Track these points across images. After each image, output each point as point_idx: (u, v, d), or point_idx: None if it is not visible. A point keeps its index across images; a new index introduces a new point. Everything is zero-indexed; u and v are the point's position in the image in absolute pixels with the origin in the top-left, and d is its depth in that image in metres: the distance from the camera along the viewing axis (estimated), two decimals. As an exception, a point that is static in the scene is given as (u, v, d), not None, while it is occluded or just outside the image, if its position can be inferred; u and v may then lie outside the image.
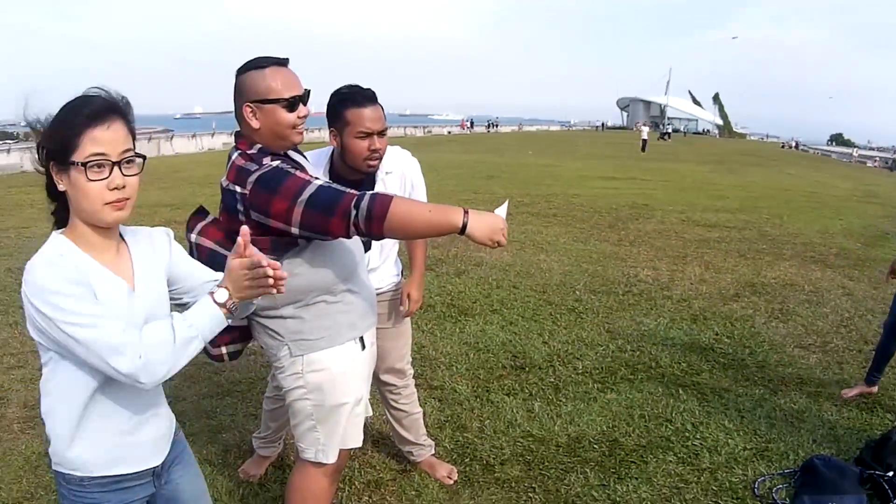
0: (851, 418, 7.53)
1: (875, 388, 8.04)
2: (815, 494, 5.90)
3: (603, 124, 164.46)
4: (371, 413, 4.91)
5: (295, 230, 3.81)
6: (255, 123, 3.97)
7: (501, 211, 4.00)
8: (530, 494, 6.02)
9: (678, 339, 9.99)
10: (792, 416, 7.52)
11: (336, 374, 4.28)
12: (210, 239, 4.13)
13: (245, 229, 3.10)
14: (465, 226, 3.72)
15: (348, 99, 4.91)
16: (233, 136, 4.18)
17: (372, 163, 5.00)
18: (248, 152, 3.98)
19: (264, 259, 3.09)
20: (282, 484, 5.90)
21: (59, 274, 2.76)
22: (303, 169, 3.99)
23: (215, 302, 3.07)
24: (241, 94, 3.99)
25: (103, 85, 2.97)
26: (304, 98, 4.04)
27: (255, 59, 4.00)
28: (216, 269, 3.52)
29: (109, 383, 3.00)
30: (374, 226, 3.68)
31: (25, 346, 8.94)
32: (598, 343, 9.70)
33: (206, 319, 3.06)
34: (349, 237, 3.85)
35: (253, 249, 3.13)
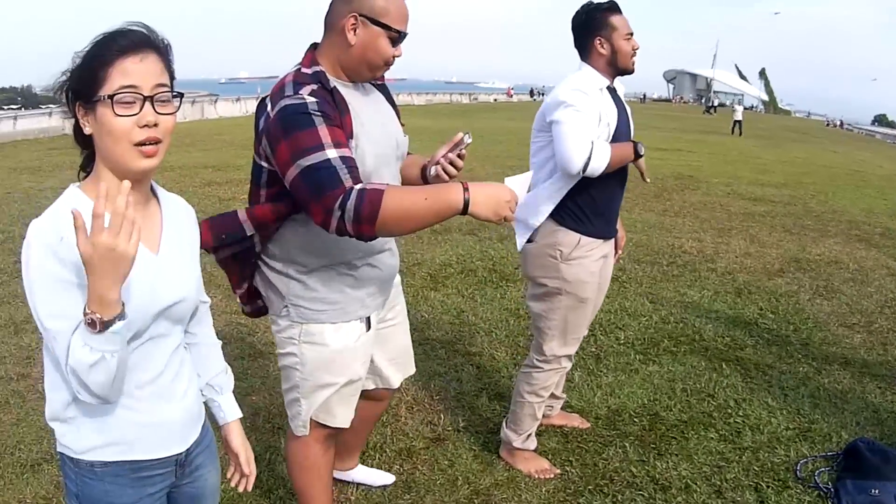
0: (895, 402, 7.38)
1: None
2: (859, 479, 5.77)
3: (644, 95, 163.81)
4: (410, 373, 4.90)
5: (287, 187, 3.63)
6: (351, 37, 3.73)
7: (517, 181, 3.67)
8: (567, 468, 5.92)
9: (722, 312, 9.86)
10: (836, 397, 7.37)
11: (333, 353, 4.13)
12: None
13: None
14: (466, 204, 3.39)
15: (608, 7, 5.30)
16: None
17: (634, 59, 5.39)
18: (303, 70, 3.78)
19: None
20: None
21: (47, 264, 2.45)
22: (341, 119, 3.68)
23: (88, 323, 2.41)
24: (350, 2, 3.72)
25: (145, 23, 2.65)
26: (404, 39, 3.86)
27: None
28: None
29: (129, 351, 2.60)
30: (363, 228, 3.41)
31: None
32: (641, 313, 9.60)
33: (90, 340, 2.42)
34: (328, 232, 3.55)
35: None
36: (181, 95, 2.70)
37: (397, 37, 3.77)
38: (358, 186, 3.41)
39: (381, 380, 4.78)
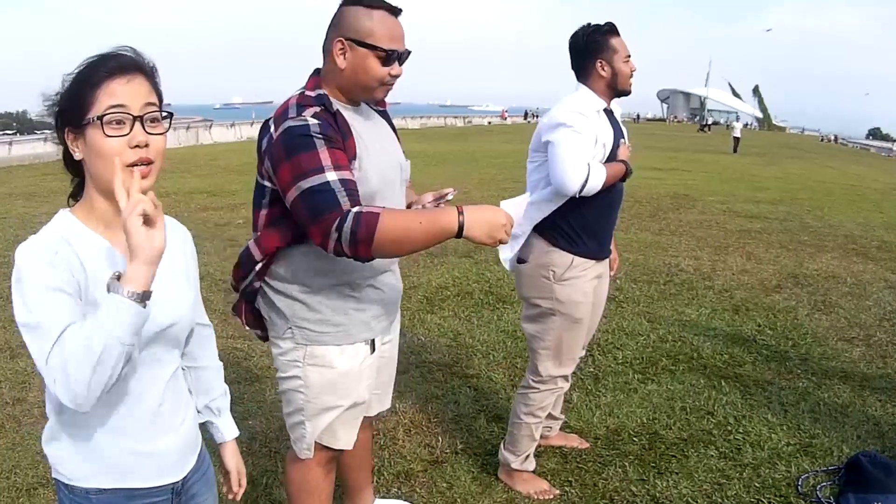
0: (896, 414, 7.34)
1: None
2: (861, 493, 5.75)
3: (638, 115, 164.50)
4: (372, 414, 4.87)
5: (288, 207, 3.65)
6: (340, 62, 3.77)
7: (512, 204, 3.73)
8: (566, 488, 5.89)
9: (720, 329, 9.85)
10: (836, 411, 7.35)
11: (338, 375, 4.12)
12: None
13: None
14: (461, 227, 3.41)
15: (608, 30, 5.36)
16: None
17: (632, 81, 5.48)
18: (307, 93, 3.78)
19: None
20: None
21: (42, 273, 2.39)
22: (343, 142, 3.69)
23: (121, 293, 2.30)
24: (337, 27, 3.77)
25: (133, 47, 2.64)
26: (402, 57, 3.83)
27: None
28: None
29: (125, 377, 2.57)
30: (360, 249, 3.44)
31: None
32: (639, 332, 9.59)
33: (115, 316, 2.30)
34: (326, 253, 3.59)
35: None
36: (171, 115, 2.67)
37: (386, 56, 3.74)
38: (355, 209, 3.42)
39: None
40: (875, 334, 9.88)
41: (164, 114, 2.62)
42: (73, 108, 2.50)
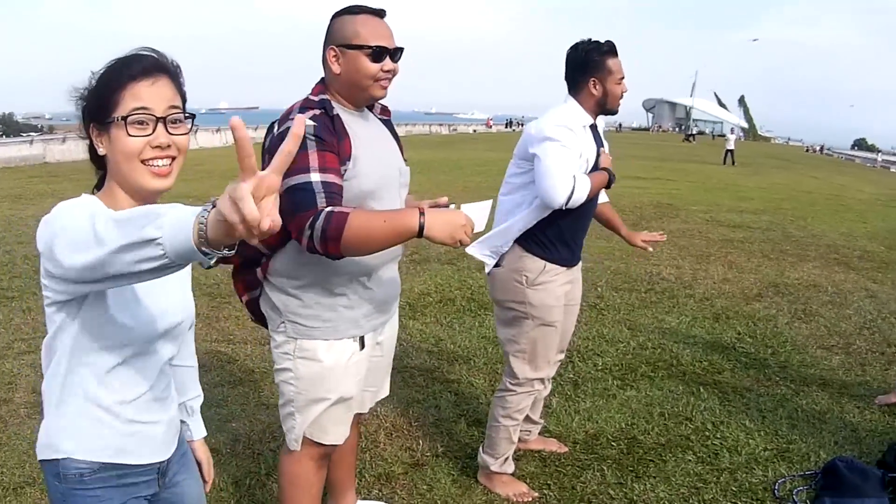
0: (874, 420, 7.41)
1: None
2: (837, 497, 5.81)
3: (620, 125, 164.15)
4: (365, 411, 4.98)
5: None
6: (336, 68, 3.98)
7: (473, 208, 3.89)
8: (545, 491, 5.93)
9: (700, 337, 9.90)
10: (814, 418, 7.41)
11: (325, 369, 4.22)
12: None
13: (301, 117, 2.16)
14: (422, 227, 3.61)
15: (607, 50, 5.42)
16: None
17: (620, 101, 5.57)
18: (311, 97, 4.01)
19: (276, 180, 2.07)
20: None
21: (80, 212, 2.38)
22: (339, 144, 3.89)
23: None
24: (329, 37, 4.01)
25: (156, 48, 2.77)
26: (393, 53, 4.00)
27: (351, 5, 4.00)
28: None
29: (126, 363, 2.78)
30: (330, 247, 3.64)
31: (37, 332, 8.92)
32: (619, 340, 9.62)
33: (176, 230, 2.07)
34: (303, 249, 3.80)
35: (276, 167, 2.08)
36: (193, 116, 2.79)
37: (373, 51, 3.92)
38: (328, 209, 3.61)
39: (357, 404, 4.81)
40: (855, 342, 9.94)
41: (187, 115, 2.75)
42: (98, 107, 2.64)
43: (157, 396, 2.96)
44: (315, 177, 3.70)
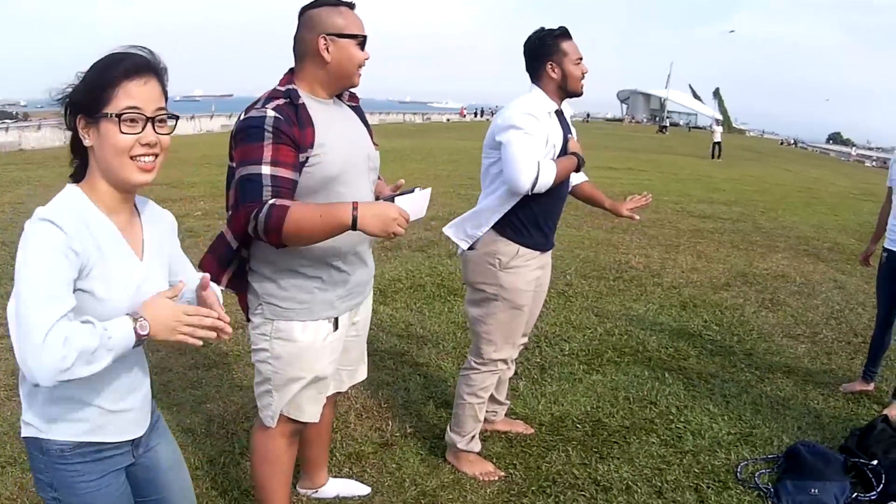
0: (837, 407, 7.52)
1: (872, 386, 7.98)
2: (799, 480, 5.90)
3: (588, 115, 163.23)
4: (344, 389, 5.11)
5: None
6: (326, 56, 4.13)
7: (406, 200, 3.99)
8: (511, 470, 6.02)
9: (667, 324, 10.00)
10: (778, 403, 7.51)
11: (300, 349, 4.35)
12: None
13: (206, 276, 3.08)
14: (355, 220, 3.75)
15: (560, 34, 5.56)
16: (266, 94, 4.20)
17: (583, 83, 5.67)
18: (278, 87, 4.15)
19: (216, 306, 3.04)
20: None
21: (53, 238, 2.62)
22: (300, 133, 4.00)
23: (136, 331, 2.73)
24: (315, 27, 4.13)
25: (146, 46, 2.94)
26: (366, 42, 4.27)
27: None
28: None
29: None
30: (271, 237, 3.81)
31: (15, 316, 8.81)
32: (586, 326, 9.70)
33: (121, 341, 2.71)
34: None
35: (212, 293, 3.12)
36: (177, 117, 3.01)
37: (364, 41, 4.21)
38: (271, 201, 3.80)
39: (335, 383, 4.94)
40: (821, 332, 10.06)
41: (170, 115, 2.94)
42: (90, 100, 2.77)
43: (130, 376, 3.10)
44: (265, 169, 3.85)
